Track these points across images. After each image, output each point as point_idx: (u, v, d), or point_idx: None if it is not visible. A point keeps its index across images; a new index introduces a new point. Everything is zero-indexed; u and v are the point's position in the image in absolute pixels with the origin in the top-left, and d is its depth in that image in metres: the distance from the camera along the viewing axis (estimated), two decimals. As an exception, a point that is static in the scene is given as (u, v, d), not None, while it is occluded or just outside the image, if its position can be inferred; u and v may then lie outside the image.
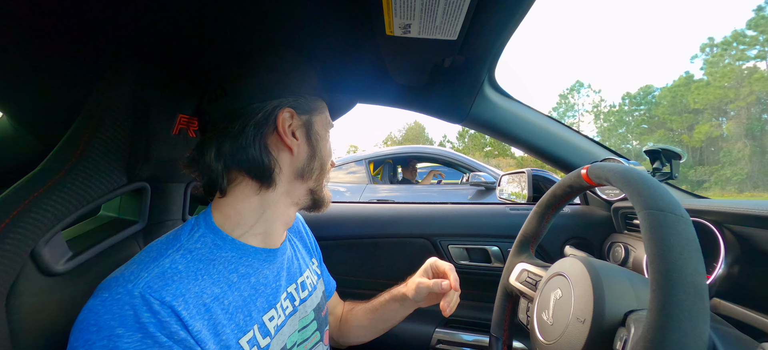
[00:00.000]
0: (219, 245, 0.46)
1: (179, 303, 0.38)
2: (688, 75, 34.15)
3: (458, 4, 0.41)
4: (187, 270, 0.41)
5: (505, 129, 0.84)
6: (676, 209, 0.32)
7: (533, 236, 0.64)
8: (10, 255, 0.37)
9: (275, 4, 0.47)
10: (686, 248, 0.30)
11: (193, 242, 0.44)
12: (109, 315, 0.35)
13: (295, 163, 0.51)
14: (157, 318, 0.36)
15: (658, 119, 35.62)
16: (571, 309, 0.44)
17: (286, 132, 0.49)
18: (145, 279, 0.37)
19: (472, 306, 0.98)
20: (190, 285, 0.40)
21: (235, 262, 0.46)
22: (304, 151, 0.52)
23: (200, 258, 0.43)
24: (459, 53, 0.58)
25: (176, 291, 0.38)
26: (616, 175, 0.42)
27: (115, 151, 0.49)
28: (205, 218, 0.48)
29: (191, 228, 0.46)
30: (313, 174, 0.53)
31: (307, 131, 0.52)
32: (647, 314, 0.31)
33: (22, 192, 0.41)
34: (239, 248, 0.47)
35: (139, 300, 0.36)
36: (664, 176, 0.74)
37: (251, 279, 0.47)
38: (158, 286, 0.38)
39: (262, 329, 0.46)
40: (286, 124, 0.49)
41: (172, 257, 0.41)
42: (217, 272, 0.43)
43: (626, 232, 0.83)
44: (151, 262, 0.40)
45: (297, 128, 0.51)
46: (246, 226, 0.49)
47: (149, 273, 0.38)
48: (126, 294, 0.36)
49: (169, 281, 0.39)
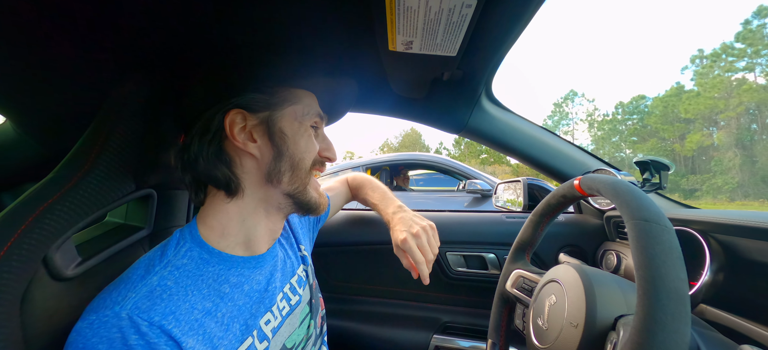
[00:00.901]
0: (205, 259, 0.45)
1: (169, 321, 0.37)
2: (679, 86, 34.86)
3: (458, 23, 0.44)
4: (176, 286, 0.40)
5: (501, 140, 0.87)
6: (660, 219, 0.35)
7: (529, 243, 0.66)
8: (25, 260, 0.38)
9: (284, 14, 0.48)
10: (669, 257, 0.32)
11: (180, 258, 0.43)
12: (97, 338, 0.34)
13: (262, 167, 0.47)
14: (145, 340, 0.35)
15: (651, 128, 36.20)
16: (564, 314, 0.46)
17: (237, 137, 0.45)
18: (132, 300, 0.37)
19: (470, 312, 1.00)
20: (180, 302, 0.39)
21: (225, 273, 0.45)
22: (268, 152, 0.47)
23: (188, 274, 0.42)
24: (458, 68, 0.61)
25: (166, 309, 0.37)
26: (606, 186, 0.44)
27: (125, 159, 0.50)
28: (190, 231, 0.46)
29: (177, 242, 0.45)
30: (282, 176, 0.48)
31: (268, 129, 0.47)
32: (634, 318, 0.33)
33: (36, 199, 0.42)
34: (226, 260, 0.46)
35: (127, 322, 0.35)
36: (653, 186, 0.77)
37: (244, 287, 0.46)
38: (147, 306, 0.37)
39: (260, 334, 0.46)
40: (236, 127, 0.45)
41: (161, 275, 0.40)
42: (206, 286, 0.43)
43: (618, 240, 0.85)
44: (138, 281, 0.39)
45: (253, 128, 0.46)
46: (230, 236, 0.48)
47: (137, 293, 0.37)
48: (113, 316, 0.35)
49: (157, 299, 0.38)
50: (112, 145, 0.49)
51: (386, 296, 1.05)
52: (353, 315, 1.03)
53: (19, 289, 0.38)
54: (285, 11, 0.47)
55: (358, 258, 1.05)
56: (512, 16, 0.47)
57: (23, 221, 0.40)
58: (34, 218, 0.40)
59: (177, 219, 0.64)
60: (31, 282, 0.39)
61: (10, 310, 0.36)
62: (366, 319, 1.01)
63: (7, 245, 0.37)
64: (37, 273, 0.40)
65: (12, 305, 0.37)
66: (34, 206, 0.41)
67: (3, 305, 0.36)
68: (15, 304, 0.37)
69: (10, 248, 0.37)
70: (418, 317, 1.00)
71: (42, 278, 0.41)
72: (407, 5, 0.40)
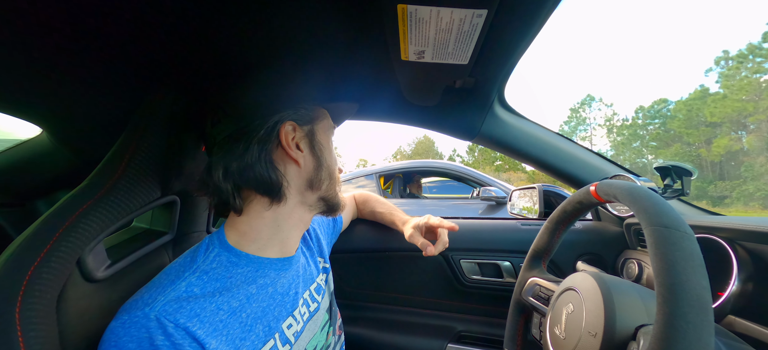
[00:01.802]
0: (234, 262, 0.47)
1: (194, 323, 0.39)
2: (703, 88, 33.51)
3: (470, 32, 0.45)
4: (202, 291, 0.42)
5: (515, 146, 0.86)
6: (679, 225, 0.34)
7: (545, 251, 0.65)
8: (62, 262, 0.41)
9: (302, 30, 0.51)
10: (689, 263, 0.32)
11: (209, 263, 0.45)
12: (127, 337, 0.37)
13: (303, 174, 0.51)
14: (170, 341, 0.37)
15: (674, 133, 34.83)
16: (582, 323, 0.45)
17: (290, 145, 0.49)
18: (161, 302, 0.39)
19: (484, 321, 0.98)
20: (207, 304, 0.41)
21: (253, 275, 0.47)
22: (310, 162, 0.52)
23: (216, 278, 0.44)
24: (470, 75, 0.62)
25: (191, 312, 0.39)
26: (623, 192, 0.44)
27: (151, 167, 0.53)
28: (219, 238, 0.49)
29: (206, 248, 0.47)
30: (322, 184, 0.53)
31: (311, 141, 0.52)
32: (653, 327, 0.32)
33: (72, 205, 0.45)
34: (255, 262, 0.48)
35: (155, 323, 0.37)
36: (675, 192, 0.74)
37: (269, 289, 0.48)
38: (174, 309, 0.39)
39: (282, 337, 0.48)
40: (289, 137, 0.49)
41: (188, 280, 0.42)
42: (234, 287, 0.44)
43: (640, 248, 0.83)
44: (168, 285, 0.41)
45: (300, 139, 0.51)
46: (263, 240, 0.50)
47: (166, 296, 0.40)
48: (143, 317, 0.38)
49: (184, 303, 0.40)
50: (139, 154, 0.52)
51: (399, 303, 1.05)
52: (366, 322, 1.03)
53: (56, 289, 0.40)
54: (304, 25, 0.49)
55: (371, 265, 1.05)
56: (524, 24, 0.48)
57: (61, 225, 0.42)
58: (71, 223, 0.43)
59: (198, 225, 0.67)
60: (66, 282, 0.42)
61: (48, 309, 0.39)
62: (379, 326, 1.01)
63: (46, 248, 0.40)
64: (72, 274, 0.43)
65: (50, 304, 0.39)
66: (71, 212, 0.44)
67: (42, 303, 0.38)
68: (52, 303, 0.40)
69: (49, 251, 0.40)
70: (432, 325, 0.99)
71: (76, 279, 0.43)
72: (419, 16, 0.41)
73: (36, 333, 0.37)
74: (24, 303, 0.37)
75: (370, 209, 0.94)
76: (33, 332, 0.37)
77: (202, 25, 0.47)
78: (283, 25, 0.48)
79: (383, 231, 1.05)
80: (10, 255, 0.39)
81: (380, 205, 0.93)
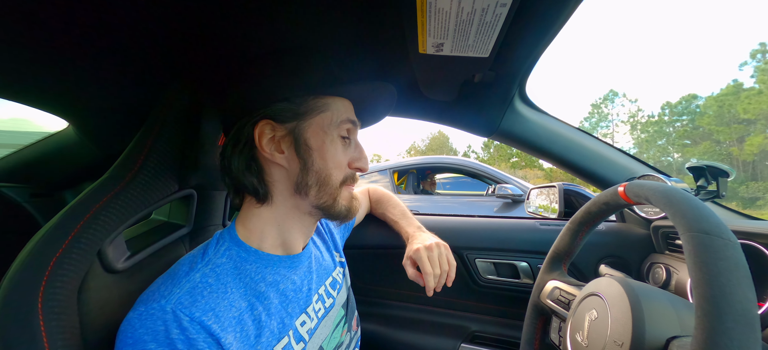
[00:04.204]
0: (244, 257, 0.46)
1: (209, 317, 0.39)
2: (736, 83, 31.68)
3: (492, 23, 0.42)
4: (217, 283, 0.42)
5: (536, 143, 0.83)
6: (723, 232, 0.31)
7: (566, 253, 0.62)
8: (83, 253, 0.42)
9: (317, 24, 0.50)
10: (735, 274, 0.29)
11: (219, 257, 0.45)
12: (144, 329, 0.37)
13: (291, 177, 0.47)
14: (185, 335, 0.37)
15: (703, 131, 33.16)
16: (607, 331, 0.43)
17: (265, 147, 0.45)
18: (176, 295, 0.39)
19: (500, 322, 0.96)
20: (220, 299, 0.41)
21: (262, 271, 0.46)
22: (295, 164, 0.47)
23: (227, 272, 0.44)
24: (490, 69, 0.59)
25: (206, 306, 0.39)
26: (657, 194, 0.41)
27: (169, 161, 0.53)
28: (229, 233, 0.48)
29: (217, 242, 0.47)
30: (310, 190, 0.47)
31: (294, 141, 0.46)
32: (692, 342, 0.29)
33: (93, 197, 0.46)
34: (263, 258, 0.47)
35: (171, 316, 0.37)
36: (710, 194, 0.70)
37: (280, 286, 0.47)
38: (189, 302, 0.38)
39: (296, 334, 0.47)
40: (265, 138, 0.45)
41: (202, 272, 0.42)
42: (244, 283, 0.44)
43: (668, 252, 0.78)
44: (182, 277, 0.41)
45: (281, 138, 0.46)
46: (268, 238, 0.49)
47: (181, 289, 0.39)
48: (159, 309, 0.37)
49: (198, 296, 0.39)
50: (157, 148, 0.52)
51: (413, 301, 1.04)
52: (379, 319, 1.02)
53: (77, 279, 0.41)
54: (312, 17, 0.48)
55: (385, 261, 1.05)
56: (550, 15, 0.45)
57: (82, 217, 0.43)
58: (92, 215, 0.44)
59: (214, 218, 0.68)
60: (87, 273, 0.43)
61: (69, 298, 0.40)
62: (392, 323, 1.00)
63: (68, 239, 0.41)
64: (92, 265, 0.44)
65: (71, 293, 0.40)
66: (91, 205, 0.45)
67: (64, 293, 0.39)
68: (74, 293, 0.41)
69: (71, 242, 0.41)
70: (446, 324, 0.98)
71: (96, 270, 0.44)
72: (439, 7, 0.40)
73: (57, 322, 0.38)
74: (46, 292, 0.38)
75: (382, 211, 0.90)
76: (54, 321, 0.38)
77: (218, 21, 0.47)
78: (298, 18, 0.47)
79: None
80: (34, 246, 0.40)
81: (391, 209, 0.88)
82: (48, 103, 0.73)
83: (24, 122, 1.67)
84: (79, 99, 0.70)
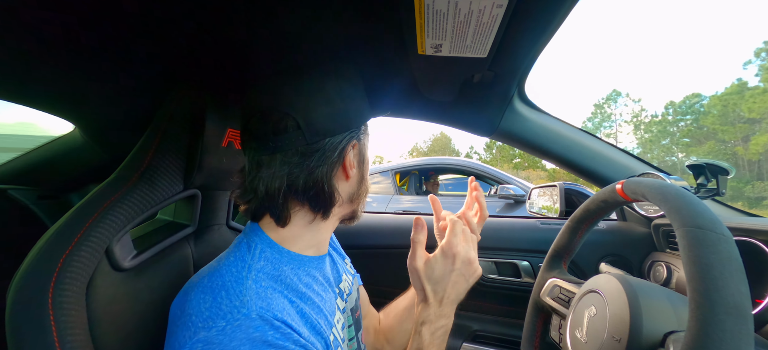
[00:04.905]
0: (277, 258, 0.46)
1: (286, 316, 0.39)
2: (741, 82, 31.43)
3: (489, 24, 0.43)
4: (269, 287, 0.42)
5: (536, 142, 0.83)
6: (715, 226, 0.32)
7: (566, 251, 0.62)
8: (92, 251, 0.43)
9: (316, 27, 0.51)
10: (727, 267, 0.29)
11: (258, 262, 0.44)
12: (237, 341, 0.35)
13: (349, 189, 0.51)
14: (280, 332, 0.37)
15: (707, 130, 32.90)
16: (606, 326, 0.43)
17: (352, 163, 0.49)
18: (250, 302, 0.38)
19: (501, 321, 0.96)
20: (280, 299, 0.41)
21: (297, 272, 0.47)
22: (356, 177, 0.51)
23: (270, 275, 0.44)
24: (488, 69, 0.60)
25: (278, 305, 0.40)
26: (653, 190, 0.41)
27: (175, 161, 0.54)
28: (259, 236, 0.47)
29: (250, 248, 0.46)
30: (361, 198, 0.53)
31: (361, 157, 0.52)
32: (685, 335, 0.30)
33: (101, 197, 0.47)
34: (295, 259, 0.48)
35: (259, 320, 0.37)
36: (710, 192, 0.70)
37: (315, 286, 0.48)
38: (265, 305, 0.39)
39: (336, 329, 0.48)
40: (350, 156, 0.49)
41: (253, 278, 0.42)
42: (287, 286, 0.44)
43: (668, 251, 0.78)
44: (237, 286, 0.40)
45: (355, 156, 0.51)
46: (303, 243, 0.50)
47: (249, 295, 0.39)
48: (244, 318, 0.37)
49: (268, 298, 0.40)
50: (163, 149, 0.53)
51: None
52: None
53: (85, 277, 0.42)
54: (311, 18, 0.48)
55: (385, 261, 1.05)
56: (546, 14, 0.46)
57: (91, 215, 0.44)
58: (100, 214, 0.45)
59: (218, 218, 0.69)
60: (95, 271, 0.44)
61: (78, 296, 0.41)
62: None
63: (77, 237, 0.42)
64: (100, 263, 0.45)
65: (80, 291, 0.41)
66: (99, 204, 0.46)
67: (73, 291, 0.40)
68: (82, 290, 0.42)
69: (80, 239, 0.42)
70: None
71: (104, 268, 0.45)
72: (436, 8, 0.40)
73: (66, 318, 0.39)
74: (56, 289, 0.39)
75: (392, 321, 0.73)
76: (64, 317, 0.39)
77: (222, 25, 0.48)
78: (297, 20, 0.48)
79: (399, 228, 1.04)
80: (43, 245, 0.41)
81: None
82: (54, 106, 0.75)
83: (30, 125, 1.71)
84: (85, 103, 0.72)
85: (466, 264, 0.49)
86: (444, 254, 0.49)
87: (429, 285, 0.48)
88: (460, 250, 0.49)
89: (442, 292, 0.48)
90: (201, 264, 0.61)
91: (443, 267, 0.49)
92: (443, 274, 0.48)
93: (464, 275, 0.49)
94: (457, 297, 0.49)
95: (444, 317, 0.48)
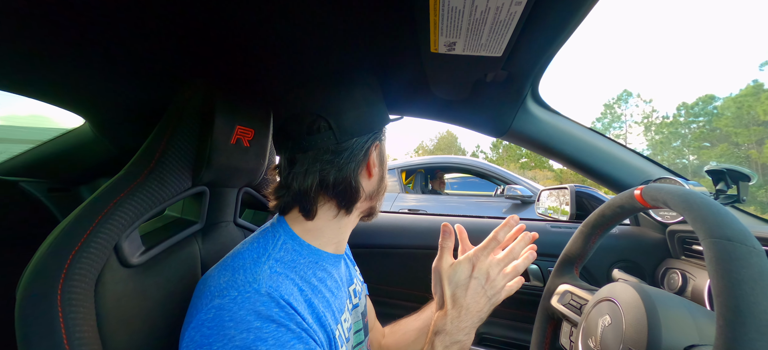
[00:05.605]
0: (297, 250, 0.49)
1: (292, 299, 0.42)
2: (757, 84, 30.66)
3: (506, 22, 0.42)
4: (284, 274, 0.45)
5: (548, 144, 0.82)
6: (747, 239, 0.30)
7: (578, 256, 0.61)
8: (101, 247, 0.43)
9: (329, 26, 0.50)
10: (759, 283, 0.28)
11: (278, 251, 0.48)
12: (244, 310, 0.39)
13: (370, 186, 0.54)
14: (284, 312, 0.40)
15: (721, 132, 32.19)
16: (622, 337, 0.42)
17: (374, 162, 0.53)
18: (263, 281, 0.42)
19: (508, 325, 0.95)
20: (290, 285, 0.44)
21: (313, 266, 0.50)
22: (378, 175, 0.55)
23: (286, 263, 0.47)
24: (502, 68, 0.58)
25: (286, 289, 0.42)
26: (676, 198, 0.40)
27: (184, 158, 0.54)
28: (283, 228, 0.51)
29: (273, 238, 0.49)
30: (380, 195, 0.57)
31: (381, 156, 0.55)
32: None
33: (110, 193, 0.47)
34: (315, 253, 0.51)
35: (267, 297, 0.40)
36: (730, 199, 0.68)
37: (328, 282, 0.51)
38: (275, 286, 0.42)
39: (341, 327, 0.50)
40: (374, 155, 0.53)
41: (269, 264, 0.45)
42: (300, 276, 0.47)
43: (684, 258, 0.76)
44: (254, 267, 0.44)
45: (377, 156, 0.54)
46: (325, 238, 0.53)
47: (262, 276, 0.42)
48: (254, 292, 0.40)
49: (278, 282, 0.43)
50: (173, 146, 0.53)
51: (419, 301, 1.04)
52: (385, 318, 1.02)
53: (94, 273, 0.42)
54: (321, 14, 0.48)
55: (392, 261, 1.05)
56: (565, 14, 0.44)
57: (100, 212, 0.44)
58: (109, 210, 0.45)
59: (226, 215, 0.68)
60: (104, 267, 0.44)
61: (87, 292, 0.41)
62: None
63: (86, 233, 0.42)
64: (109, 259, 0.45)
65: (89, 287, 0.41)
66: (108, 200, 0.46)
67: (82, 286, 0.40)
68: (91, 286, 0.42)
69: (89, 236, 0.42)
70: None
71: (113, 264, 0.45)
72: (452, 5, 0.39)
73: (75, 314, 0.39)
74: (65, 285, 0.39)
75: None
76: (72, 313, 0.38)
77: (232, 20, 0.48)
78: (307, 15, 0.48)
79: (406, 228, 1.04)
80: (53, 240, 0.41)
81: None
82: (65, 100, 0.75)
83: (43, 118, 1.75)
84: (95, 97, 0.72)
85: (484, 274, 0.49)
86: (468, 259, 0.51)
87: (449, 288, 0.50)
88: (482, 260, 0.50)
89: (461, 299, 0.48)
90: (208, 260, 0.61)
91: (465, 272, 0.50)
92: (464, 279, 0.49)
93: (483, 286, 0.49)
94: (476, 309, 0.48)
95: (461, 332, 0.47)
